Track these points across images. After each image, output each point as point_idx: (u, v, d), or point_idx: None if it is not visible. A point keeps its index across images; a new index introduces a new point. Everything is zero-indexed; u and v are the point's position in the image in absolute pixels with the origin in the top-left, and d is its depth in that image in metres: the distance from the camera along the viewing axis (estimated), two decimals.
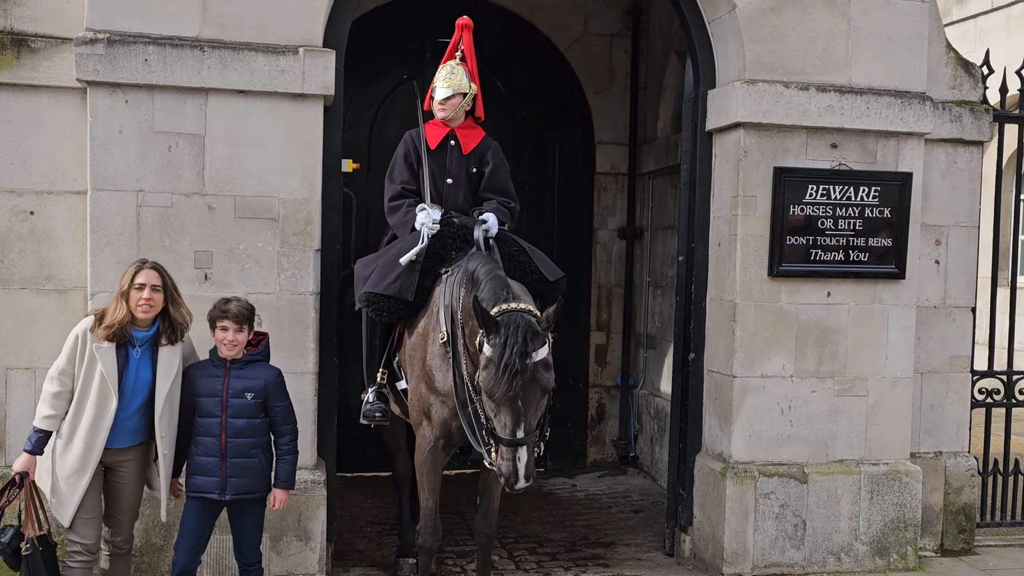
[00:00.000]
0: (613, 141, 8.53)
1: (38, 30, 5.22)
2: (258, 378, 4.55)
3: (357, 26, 5.91)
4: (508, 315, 4.31)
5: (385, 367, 5.40)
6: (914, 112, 5.94)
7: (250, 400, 4.50)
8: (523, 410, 4.25)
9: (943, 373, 6.44)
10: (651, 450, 8.27)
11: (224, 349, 4.49)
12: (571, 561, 6.17)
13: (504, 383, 4.19)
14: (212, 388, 4.50)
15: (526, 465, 4.27)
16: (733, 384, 5.85)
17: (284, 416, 4.63)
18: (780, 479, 5.88)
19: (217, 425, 4.48)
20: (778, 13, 5.79)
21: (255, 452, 4.53)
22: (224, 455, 4.47)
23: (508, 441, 4.27)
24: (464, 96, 5.53)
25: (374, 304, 5.15)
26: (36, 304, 5.29)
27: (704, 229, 6.14)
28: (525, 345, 4.22)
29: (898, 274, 6.02)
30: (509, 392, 4.21)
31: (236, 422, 4.49)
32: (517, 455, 4.26)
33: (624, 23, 8.51)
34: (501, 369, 4.19)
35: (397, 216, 5.46)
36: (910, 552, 6.06)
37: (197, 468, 4.51)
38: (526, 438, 4.27)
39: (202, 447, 4.50)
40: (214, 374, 4.52)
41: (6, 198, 5.23)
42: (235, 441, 4.49)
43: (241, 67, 5.16)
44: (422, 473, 5.10)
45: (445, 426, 4.91)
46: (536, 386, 4.29)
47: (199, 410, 4.50)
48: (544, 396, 4.38)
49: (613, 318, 8.68)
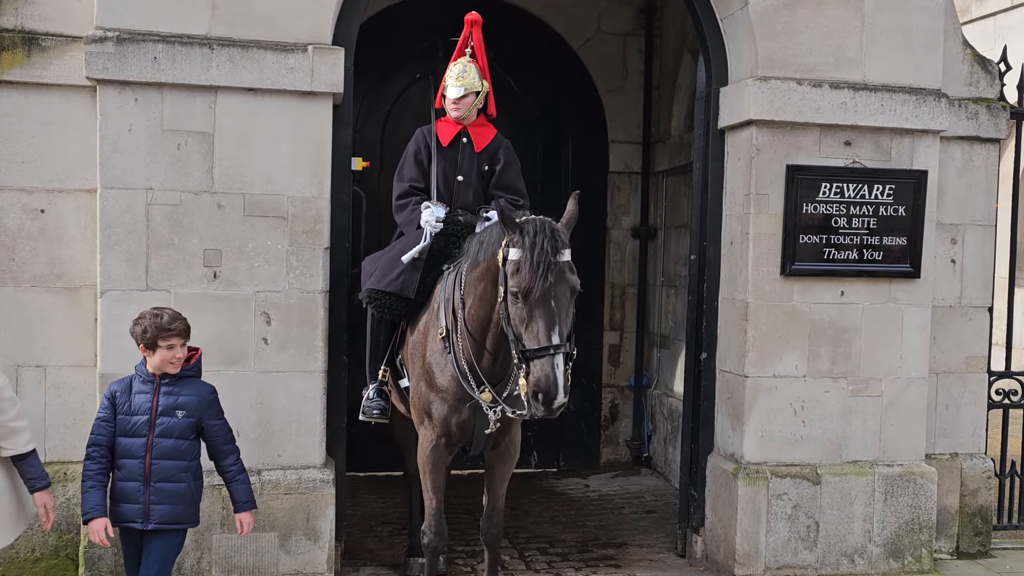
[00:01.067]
0: (626, 140, 8.50)
1: (48, 28, 5.23)
2: (191, 395, 4.28)
3: (369, 24, 5.93)
4: (532, 220, 4.35)
5: (388, 364, 5.38)
6: (929, 109, 5.87)
7: (181, 419, 4.23)
8: (556, 311, 4.18)
9: (959, 373, 6.37)
10: (664, 451, 8.22)
11: (171, 367, 4.23)
12: (582, 562, 6.13)
13: (540, 276, 4.14)
14: (139, 405, 4.23)
15: (564, 376, 4.13)
16: (745, 384, 5.80)
17: (224, 436, 4.37)
18: (793, 480, 5.82)
19: (142, 446, 4.19)
20: (791, 9, 5.73)
21: (183, 476, 4.24)
22: (148, 479, 4.18)
23: (543, 348, 4.12)
24: (477, 95, 5.51)
25: (376, 300, 5.14)
26: (47, 302, 5.31)
27: (716, 228, 6.09)
28: (555, 240, 4.24)
29: (913, 273, 5.95)
30: (545, 284, 4.15)
31: (163, 443, 4.21)
32: (555, 362, 4.11)
33: (638, 21, 8.47)
34: (535, 263, 4.16)
35: (404, 214, 5.45)
36: (925, 554, 5.99)
37: (119, 495, 4.21)
38: (561, 344, 4.16)
39: (124, 470, 4.20)
40: (141, 391, 4.24)
41: (17, 196, 5.25)
42: (161, 463, 4.20)
43: (250, 65, 5.15)
44: (425, 473, 5.08)
45: (445, 424, 4.89)
46: (566, 285, 4.26)
47: (121, 429, 4.21)
48: (573, 299, 4.32)
49: (627, 318, 8.64)
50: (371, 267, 5.32)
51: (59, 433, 5.33)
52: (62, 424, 5.34)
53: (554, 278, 4.19)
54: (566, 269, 4.28)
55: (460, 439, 4.95)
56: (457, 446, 5.03)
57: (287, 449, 5.30)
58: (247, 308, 5.22)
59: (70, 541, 5.29)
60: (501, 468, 5.14)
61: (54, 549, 5.32)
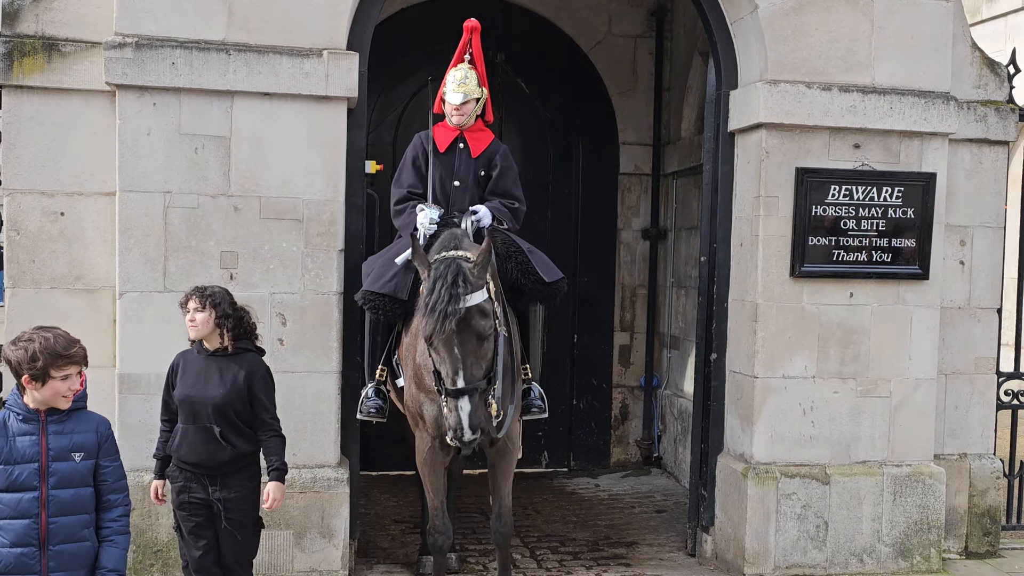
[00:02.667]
0: (637, 142, 8.55)
1: (68, 34, 5.31)
2: (87, 431, 3.48)
3: (382, 28, 5.96)
4: (441, 260, 4.40)
5: (386, 365, 5.43)
6: (938, 112, 5.91)
7: (79, 462, 3.42)
8: (460, 357, 4.27)
9: (968, 374, 6.40)
10: (674, 451, 8.27)
11: (64, 402, 3.44)
12: (593, 560, 6.19)
13: (434, 322, 4.22)
14: (25, 452, 3.37)
15: (470, 415, 4.25)
16: (755, 384, 5.85)
17: (116, 478, 3.54)
18: (802, 480, 5.87)
19: (34, 503, 3.34)
20: (800, 13, 5.78)
21: (87, 533, 3.45)
22: (44, 543, 3.34)
23: (449, 391, 4.28)
24: (477, 101, 5.56)
25: (371, 302, 5.19)
26: (67, 303, 5.38)
27: (726, 230, 6.15)
28: (454, 287, 4.27)
29: (922, 275, 5.99)
30: (441, 333, 4.23)
31: (61, 495, 3.38)
32: (459, 404, 4.26)
33: (648, 24, 8.52)
34: (430, 309, 4.24)
35: (401, 219, 5.52)
36: (934, 554, 6.03)
37: (4, 565, 3.35)
38: (467, 387, 4.26)
39: (12, 534, 3.32)
40: (25, 431, 3.39)
41: (37, 199, 5.33)
42: (60, 521, 3.37)
43: (266, 70, 5.23)
44: (424, 474, 5.15)
45: (436, 424, 4.91)
46: (471, 332, 4.31)
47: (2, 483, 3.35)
48: (482, 344, 4.37)
49: (637, 319, 8.70)
50: (369, 268, 5.39)
51: None
52: None
53: (457, 325, 4.25)
54: (474, 313, 4.31)
55: None
56: (452, 447, 5.07)
57: (302, 448, 5.36)
58: (263, 309, 5.27)
59: None
60: (502, 465, 5.17)
61: None
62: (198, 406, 4.32)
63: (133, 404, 5.19)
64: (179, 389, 4.38)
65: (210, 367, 4.36)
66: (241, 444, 4.35)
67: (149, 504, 5.09)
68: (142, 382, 5.18)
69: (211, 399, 4.30)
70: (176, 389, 4.39)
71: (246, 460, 4.40)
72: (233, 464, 4.35)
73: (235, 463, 4.36)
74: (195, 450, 4.32)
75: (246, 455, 4.39)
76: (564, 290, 5.42)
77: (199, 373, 4.36)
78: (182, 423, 4.37)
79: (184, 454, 4.34)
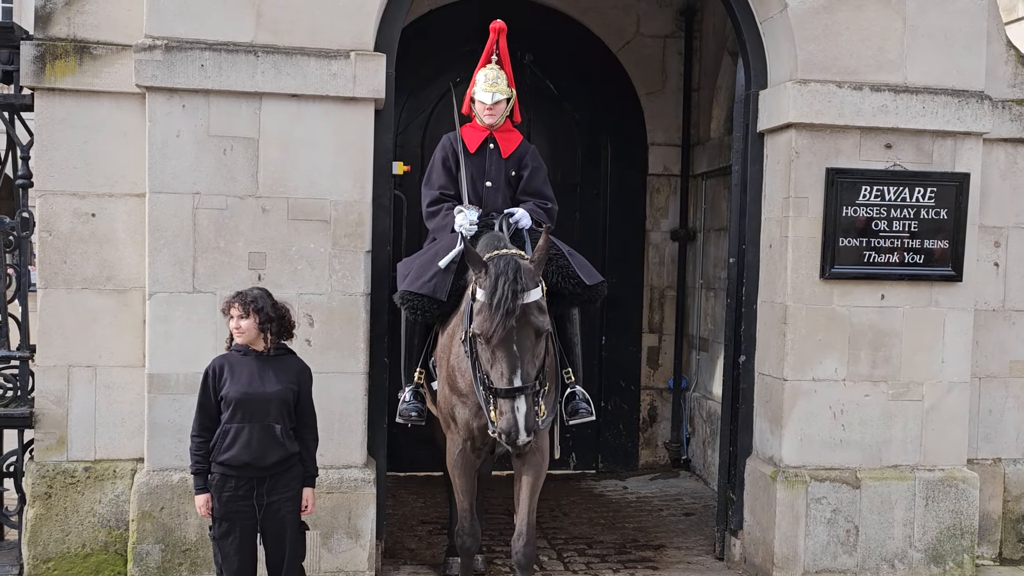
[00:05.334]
0: (666, 142, 8.51)
1: (99, 37, 5.37)
2: None
3: (411, 30, 5.97)
4: (498, 258, 4.38)
5: (423, 367, 5.42)
6: (972, 111, 5.82)
7: None
8: (519, 355, 4.23)
9: (1002, 378, 6.31)
10: (703, 453, 8.22)
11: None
12: (620, 563, 6.16)
13: (498, 321, 4.19)
14: None
15: (526, 416, 4.18)
16: (784, 387, 5.80)
17: None
18: (832, 484, 5.81)
19: None
20: (830, 12, 5.72)
21: None
22: None
23: (505, 391, 4.20)
24: (508, 101, 5.55)
25: (409, 302, 5.17)
26: (98, 304, 5.44)
27: (755, 231, 6.09)
28: (516, 283, 4.24)
29: (955, 276, 5.91)
30: (503, 331, 4.19)
31: None
32: (515, 405, 4.18)
33: (677, 24, 8.49)
34: (493, 307, 4.21)
35: (436, 220, 5.50)
36: (967, 560, 5.94)
37: None
38: (524, 387, 4.21)
39: None
40: None
41: (69, 201, 5.39)
42: None
43: (294, 71, 5.25)
44: (454, 476, 5.13)
45: (468, 427, 4.90)
46: (530, 328, 4.28)
47: None
48: (540, 340, 4.34)
49: (666, 320, 8.65)
50: (405, 269, 5.37)
51: (108, 432, 5.46)
52: (111, 423, 5.47)
53: (516, 321, 4.22)
54: (533, 309, 4.29)
55: (484, 443, 4.95)
56: (483, 449, 5.04)
57: (329, 449, 5.35)
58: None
59: (119, 537, 5.42)
60: (528, 477, 5.00)
61: (103, 544, 5.45)
62: (258, 404, 4.34)
63: (162, 404, 5.22)
64: (233, 388, 4.35)
65: (263, 366, 4.41)
66: (290, 444, 4.41)
67: (178, 503, 5.16)
68: (171, 382, 5.22)
69: (273, 395, 4.36)
70: (227, 389, 4.36)
71: (292, 460, 4.44)
72: (282, 464, 4.39)
73: (284, 463, 4.40)
74: (248, 449, 4.32)
75: (293, 455, 4.44)
76: (604, 293, 5.36)
77: (253, 373, 4.39)
78: (236, 423, 4.34)
79: (234, 455, 4.33)
